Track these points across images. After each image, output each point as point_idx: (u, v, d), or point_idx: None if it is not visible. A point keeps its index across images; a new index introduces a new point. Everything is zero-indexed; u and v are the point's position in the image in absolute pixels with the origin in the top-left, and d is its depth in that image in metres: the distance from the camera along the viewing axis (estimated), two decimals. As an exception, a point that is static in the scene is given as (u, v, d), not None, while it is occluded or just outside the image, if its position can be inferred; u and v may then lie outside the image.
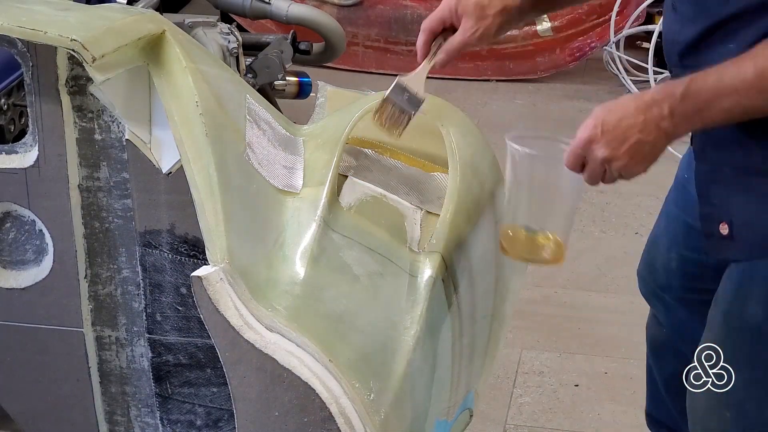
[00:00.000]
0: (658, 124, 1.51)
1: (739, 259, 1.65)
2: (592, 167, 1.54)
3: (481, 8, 1.70)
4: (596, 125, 1.52)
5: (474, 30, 1.69)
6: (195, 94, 1.60)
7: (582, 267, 3.58)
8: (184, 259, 1.77)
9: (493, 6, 1.70)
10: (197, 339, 1.82)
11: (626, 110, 1.52)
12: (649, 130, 1.51)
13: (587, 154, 1.53)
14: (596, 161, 1.53)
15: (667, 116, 1.50)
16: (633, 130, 1.50)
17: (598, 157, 1.52)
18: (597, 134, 1.51)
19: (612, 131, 1.51)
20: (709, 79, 1.51)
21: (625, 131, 1.51)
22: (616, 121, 1.51)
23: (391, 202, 1.78)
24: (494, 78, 5.17)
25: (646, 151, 1.52)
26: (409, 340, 1.60)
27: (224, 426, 1.87)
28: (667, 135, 1.52)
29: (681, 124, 1.52)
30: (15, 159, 1.76)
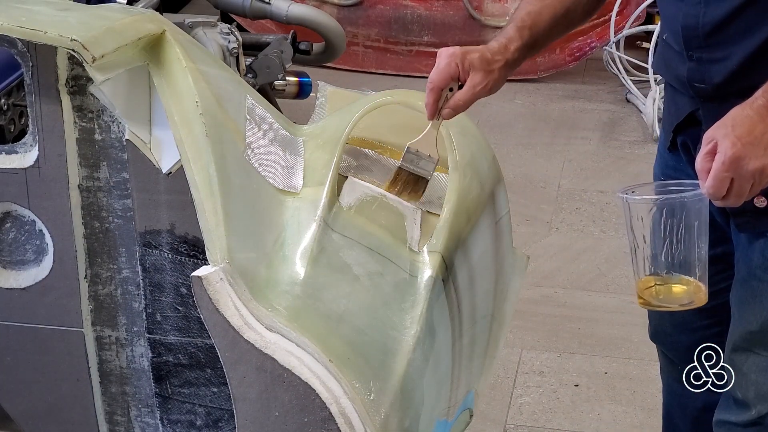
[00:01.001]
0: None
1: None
2: (740, 184, 1.53)
3: (487, 63, 1.72)
4: (734, 143, 1.51)
5: (484, 84, 1.71)
6: (195, 94, 1.60)
7: (582, 267, 3.58)
8: (184, 259, 1.77)
9: (496, 61, 1.73)
10: (197, 339, 1.82)
11: (750, 120, 1.53)
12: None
13: (736, 172, 1.52)
14: (746, 176, 1.52)
15: None
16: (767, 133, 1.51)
17: (749, 170, 1.51)
18: (740, 150, 1.51)
19: (753, 143, 1.51)
20: None
21: (762, 138, 1.51)
22: (748, 132, 1.52)
23: (391, 202, 1.78)
24: (494, 78, 5.16)
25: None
26: (409, 340, 1.60)
27: (224, 426, 1.87)
28: None
29: None
30: (15, 159, 1.76)
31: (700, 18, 1.66)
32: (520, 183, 4.13)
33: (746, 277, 1.77)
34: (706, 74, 1.71)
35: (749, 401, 1.82)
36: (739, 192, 1.54)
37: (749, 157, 1.51)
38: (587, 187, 4.15)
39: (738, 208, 1.72)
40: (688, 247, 1.62)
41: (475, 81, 1.70)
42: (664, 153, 1.91)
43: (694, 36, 1.69)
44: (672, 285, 1.65)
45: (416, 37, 5.18)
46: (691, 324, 1.99)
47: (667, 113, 1.89)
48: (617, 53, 4.88)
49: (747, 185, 1.53)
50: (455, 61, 1.70)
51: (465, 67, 1.70)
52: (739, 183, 1.53)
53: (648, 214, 1.63)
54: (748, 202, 1.69)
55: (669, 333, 2.05)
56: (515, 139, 4.56)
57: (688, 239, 1.62)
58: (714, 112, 1.70)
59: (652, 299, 1.66)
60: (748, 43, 1.63)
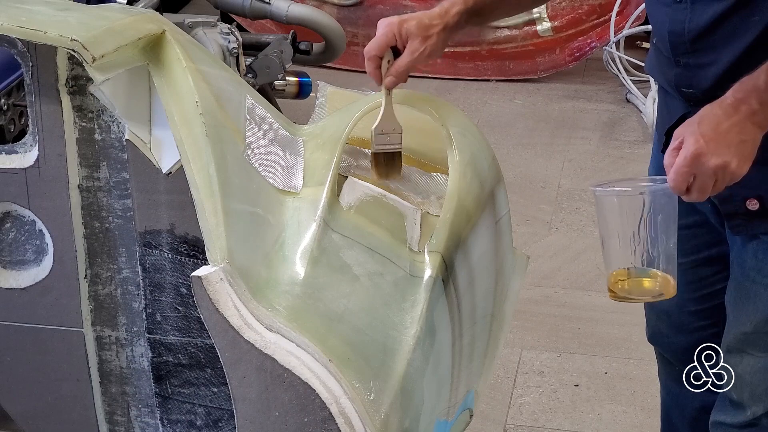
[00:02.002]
0: (751, 120, 1.54)
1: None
2: (702, 180, 1.55)
3: (425, 28, 1.74)
4: (697, 139, 1.53)
5: (422, 50, 1.74)
6: (195, 94, 1.60)
7: (582, 267, 3.58)
8: (184, 259, 1.77)
9: (434, 26, 1.75)
10: (197, 339, 1.82)
11: (717, 117, 1.54)
12: (746, 129, 1.54)
13: (696, 169, 1.54)
14: (707, 173, 1.54)
15: (759, 110, 1.53)
16: (732, 132, 1.53)
17: (710, 167, 1.53)
18: (702, 146, 1.53)
19: (715, 139, 1.53)
20: None
21: (726, 136, 1.53)
22: (712, 129, 1.53)
23: (391, 202, 1.78)
24: (494, 78, 5.17)
25: (749, 149, 1.55)
26: (409, 340, 1.60)
27: (224, 426, 1.87)
28: (761, 128, 1.55)
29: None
30: (15, 159, 1.76)
31: (686, 24, 1.66)
32: (520, 183, 4.13)
33: (740, 278, 1.78)
34: (693, 80, 1.71)
35: (744, 402, 1.82)
36: (702, 188, 1.56)
37: (711, 154, 1.53)
38: (587, 187, 4.15)
39: (731, 211, 1.72)
40: (654, 241, 1.64)
41: (413, 47, 1.73)
42: (658, 154, 1.92)
43: (681, 42, 1.69)
44: (642, 279, 1.66)
45: (416, 37, 5.17)
46: (688, 325, 1.99)
47: (660, 115, 1.89)
48: (617, 53, 4.88)
49: (709, 181, 1.55)
50: (392, 30, 1.73)
51: (402, 35, 1.73)
52: (701, 179, 1.55)
53: (615, 207, 1.64)
54: (741, 205, 1.70)
55: (666, 334, 2.05)
56: (515, 139, 4.56)
57: (654, 233, 1.63)
58: None
59: (621, 293, 1.68)
60: (734, 48, 1.64)
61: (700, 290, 1.94)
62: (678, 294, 1.98)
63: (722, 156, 1.53)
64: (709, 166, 1.53)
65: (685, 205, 1.86)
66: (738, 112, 1.54)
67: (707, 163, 1.53)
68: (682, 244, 1.93)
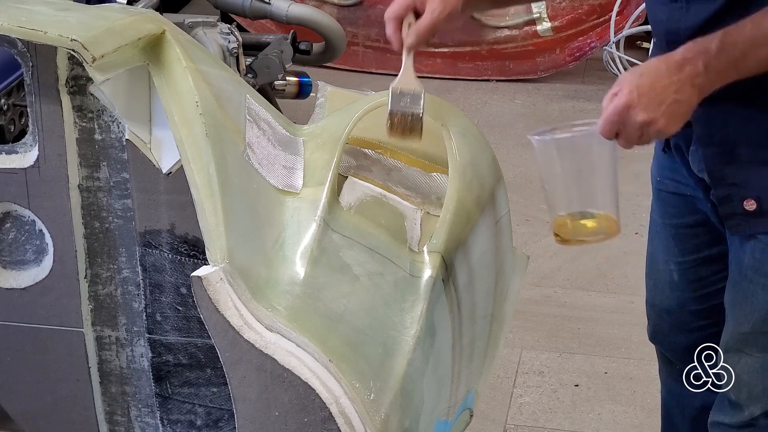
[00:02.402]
0: (692, 81, 1.53)
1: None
2: (629, 132, 1.55)
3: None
4: (631, 90, 1.53)
5: (441, 9, 1.71)
6: (195, 94, 1.60)
7: (582, 267, 3.58)
8: (184, 259, 1.77)
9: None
10: (197, 339, 1.82)
11: (658, 72, 1.54)
12: (684, 89, 1.53)
13: (624, 120, 1.55)
14: (634, 126, 1.54)
15: (702, 72, 1.53)
16: (668, 90, 1.53)
17: (636, 121, 1.54)
18: (634, 99, 1.53)
19: (648, 94, 1.53)
20: (746, 30, 1.53)
21: (661, 93, 1.53)
22: (650, 84, 1.53)
23: (391, 202, 1.78)
24: (494, 78, 5.17)
25: (682, 110, 1.55)
26: (409, 340, 1.60)
27: (224, 426, 1.87)
28: (701, 91, 1.55)
29: (715, 78, 1.54)
30: (15, 159, 1.76)
31: (682, 23, 1.67)
32: (520, 183, 4.13)
33: (737, 278, 1.78)
34: None
35: (742, 402, 1.82)
36: (628, 138, 1.56)
37: (641, 108, 1.53)
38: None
39: (729, 211, 1.72)
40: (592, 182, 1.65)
41: (433, 7, 1.71)
42: (660, 154, 1.92)
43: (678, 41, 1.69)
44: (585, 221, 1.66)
45: (416, 37, 5.17)
46: (688, 325, 1.99)
47: None
48: (617, 53, 4.88)
49: (634, 134, 1.56)
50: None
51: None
52: (627, 130, 1.56)
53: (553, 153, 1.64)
54: (739, 205, 1.70)
55: (667, 333, 2.05)
56: (515, 139, 4.56)
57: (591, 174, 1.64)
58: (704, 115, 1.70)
59: (566, 236, 1.67)
60: None
61: (701, 289, 1.94)
62: (679, 293, 1.98)
63: (651, 112, 1.53)
64: (636, 119, 1.53)
65: (686, 205, 1.87)
66: (681, 71, 1.53)
67: (635, 116, 1.53)
68: (683, 243, 1.93)
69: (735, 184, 1.70)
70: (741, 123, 1.67)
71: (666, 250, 1.97)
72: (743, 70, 1.55)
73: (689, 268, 1.94)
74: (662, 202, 1.95)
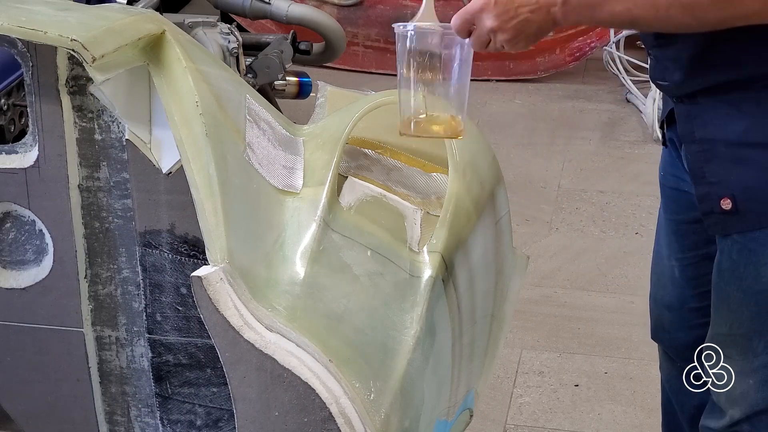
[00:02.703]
0: (549, 9, 1.57)
1: (744, 231, 1.70)
2: (479, 34, 1.60)
3: None
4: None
5: None
6: (195, 94, 1.60)
7: (582, 267, 3.58)
8: (184, 259, 1.77)
9: None
10: (197, 339, 1.82)
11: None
12: (539, 12, 1.57)
13: (476, 21, 1.59)
14: (483, 29, 1.59)
15: (560, 4, 1.57)
16: (524, 8, 1.57)
17: (486, 25, 1.58)
18: (489, 4, 1.58)
19: (504, 4, 1.57)
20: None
21: (517, 8, 1.57)
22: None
23: (391, 202, 1.78)
24: (494, 78, 5.17)
25: (532, 31, 1.59)
26: (409, 340, 1.60)
27: (224, 426, 1.87)
28: (555, 21, 1.59)
29: (570, 14, 1.58)
30: (15, 159, 1.76)
31: None
32: (520, 183, 4.13)
33: (716, 279, 1.78)
34: (666, 72, 1.73)
35: (722, 406, 1.82)
36: (477, 41, 1.61)
37: (493, 15, 1.57)
38: (587, 187, 4.15)
39: (707, 210, 1.73)
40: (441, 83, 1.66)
41: None
42: (664, 149, 1.93)
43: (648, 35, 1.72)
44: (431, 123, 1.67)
45: (416, 37, 5.17)
46: (688, 321, 1.99)
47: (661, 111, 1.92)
48: (617, 53, 4.88)
49: (483, 37, 1.60)
50: None
51: None
52: (477, 32, 1.60)
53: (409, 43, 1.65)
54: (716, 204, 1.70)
55: (667, 330, 2.05)
56: (515, 139, 4.56)
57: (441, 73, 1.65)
58: (686, 111, 1.72)
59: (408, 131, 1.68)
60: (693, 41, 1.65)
61: (700, 287, 1.94)
62: (679, 289, 1.98)
63: (500, 22, 1.57)
64: (485, 24, 1.58)
65: (686, 201, 1.86)
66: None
67: (486, 20, 1.58)
68: (683, 239, 1.93)
69: (713, 182, 1.70)
70: (719, 121, 1.68)
71: (668, 245, 1.98)
72: (597, 18, 1.59)
73: (689, 264, 1.94)
74: (665, 197, 1.96)
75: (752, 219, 1.69)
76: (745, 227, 1.70)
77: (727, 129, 1.67)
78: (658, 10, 1.54)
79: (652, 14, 1.55)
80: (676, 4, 1.53)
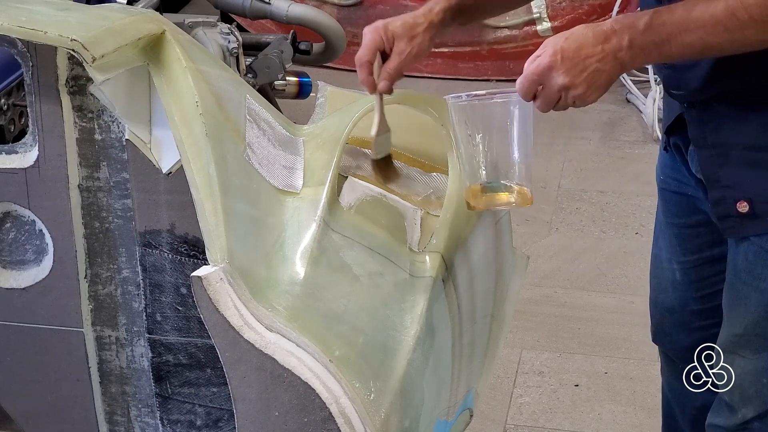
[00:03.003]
0: (616, 54, 1.52)
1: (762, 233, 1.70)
2: (547, 93, 1.55)
3: (410, 28, 1.74)
4: (555, 52, 1.53)
5: (409, 50, 1.73)
6: (195, 94, 1.60)
7: (582, 267, 3.58)
8: (184, 259, 1.77)
9: (419, 24, 1.75)
10: (197, 339, 1.82)
11: (585, 39, 1.53)
12: (607, 60, 1.52)
13: (545, 81, 1.54)
14: (553, 88, 1.54)
15: (626, 47, 1.52)
16: (592, 59, 1.52)
17: (557, 83, 1.53)
18: (557, 61, 1.53)
19: (572, 59, 1.52)
20: (676, 13, 1.52)
21: (585, 60, 1.52)
22: (575, 49, 1.53)
23: (391, 202, 1.78)
24: (494, 78, 5.17)
25: (602, 80, 1.54)
26: (409, 340, 1.60)
27: (224, 426, 1.87)
28: (623, 66, 1.54)
29: (638, 56, 1.54)
30: (15, 159, 1.76)
31: None
32: (520, 183, 4.13)
33: (732, 280, 1.78)
34: (681, 80, 1.71)
35: (735, 404, 1.82)
36: (546, 101, 1.56)
37: (562, 71, 1.52)
38: (587, 187, 4.15)
39: (722, 213, 1.72)
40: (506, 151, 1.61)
41: (400, 48, 1.73)
42: (663, 153, 1.93)
43: None
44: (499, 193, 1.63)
45: (416, 37, 5.17)
46: (690, 324, 1.99)
47: (664, 115, 1.90)
48: (617, 53, 4.87)
49: (553, 96, 1.55)
50: (378, 34, 1.73)
51: (389, 37, 1.73)
52: (546, 92, 1.55)
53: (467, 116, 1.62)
54: (732, 207, 1.70)
55: (669, 332, 2.05)
56: (515, 139, 4.55)
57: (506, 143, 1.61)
58: (698, 117, 1.70)
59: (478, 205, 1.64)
60: None
61: (703, 290, 1.94)
62: (681, 292, 1.98)
63: (572, 77, 1.52)
64: (556, 81, 1.53)
65: (688, 204, 1.86)
66: (606, 42, 1.52)
67: (555, 78, 1.53)
68: (685, 242, 1.93)
69: (728, 186, 1.70)
70: (733, 126, 1.67)
71: (669, 248, 1.97)
72: (666, 54, 1.54)
73: (691, 267, 1.94)
74: (666, 201, 1.95)
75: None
76: (763, 229, 1.69)
77: (741, 132, 1.66)
78: (732, 33, 1.49)
79: (726, 38, 1.50)
80: (750, 23, 1.48)
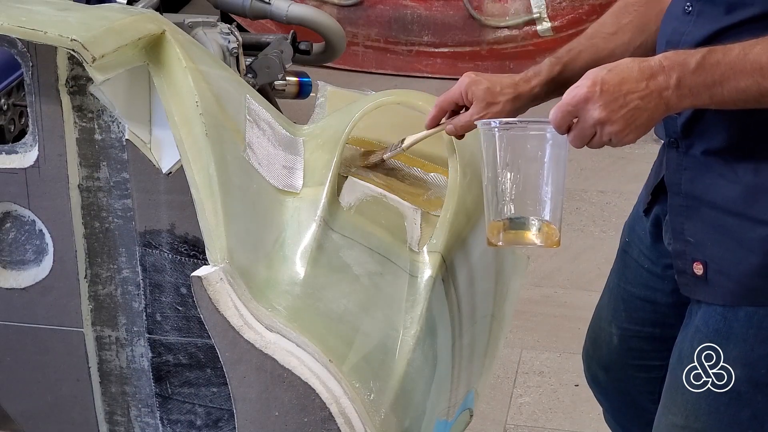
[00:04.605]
0: (661, 93, 1.41)
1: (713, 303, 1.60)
2: (582, 127, 1.43)
3: (492, 95, 1.65)
4: (595, 83, 1.41)
5: (481, 114, 1.64)
6: (195, 94, 1.60)
7: (582, 267, 3.58)
8: (184, 259, 1.77)
9: (504, 93, 1.66)
10: (197, 339, 1.82)
11: (629, 73, 1.41)
12: (650, 98, 1.41)
13: (580, 113, 1.42)
14: (588, 122, 1.42)
15: (673, 87, 1.41)
16: (634, 95, 1.41)
17: (592, 117, 1.41)
18: (595, 93, 1.40)
19: (611, 93, 1.40)
20: (732, 53, 1.41)
21: (626, 95, 1.40)
22: (617, 83, 1.41)
23: (391, 202, 1.78)
24: (494, 78, 5.16)
25: (643, 120, 1.42)
26: (409, 340, 1.60)
27: (224, 426, 1.87)
28: (668, 106, 1.43)
29: (686, 97, 1.42)
30: (15, 159, 1.76)
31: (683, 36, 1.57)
32: (520, 183, 4.13)
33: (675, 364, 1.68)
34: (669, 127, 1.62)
35: None
36: (579, 134, 1.44)
37: (599, 104, 1.40)
38: (587, 187, 4.15)
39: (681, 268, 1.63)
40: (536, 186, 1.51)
41: (474, 110, 1.64)
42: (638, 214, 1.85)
43: None
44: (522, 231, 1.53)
45: (416, 37, 5.18)
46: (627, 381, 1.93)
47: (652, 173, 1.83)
48: (617, 53, 4.87)
49: (588, 130, 1.43)
50: (461, 88, 1.65)
51: (468, 97, 1.65)
52: (580, 125, 1.43)
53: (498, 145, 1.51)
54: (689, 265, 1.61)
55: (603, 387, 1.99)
56: (515, 139, 4.55)
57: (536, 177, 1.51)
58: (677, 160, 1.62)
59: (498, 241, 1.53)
60: None
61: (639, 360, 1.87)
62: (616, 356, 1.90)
63: (609, 112, 1.40)
64: (591, 115, 1.41)
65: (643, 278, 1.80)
66: (652, 79, 1.41)
67: (592, 111, 1.41)
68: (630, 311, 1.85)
69: (690, 241, 1.61)
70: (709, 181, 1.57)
71: (613, 310, 1.90)
72: (718, 97, 1.43)
73: (631, 336, 1.87)
74: (623, 263, 1.87)
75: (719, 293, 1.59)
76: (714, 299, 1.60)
77: (715, 191, 1.57)
78: None
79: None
80: None
